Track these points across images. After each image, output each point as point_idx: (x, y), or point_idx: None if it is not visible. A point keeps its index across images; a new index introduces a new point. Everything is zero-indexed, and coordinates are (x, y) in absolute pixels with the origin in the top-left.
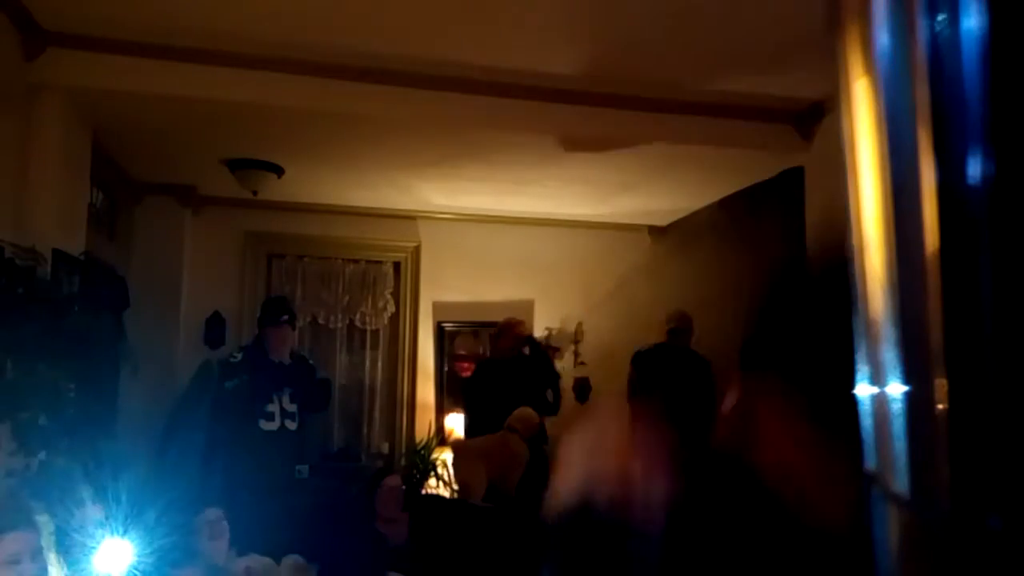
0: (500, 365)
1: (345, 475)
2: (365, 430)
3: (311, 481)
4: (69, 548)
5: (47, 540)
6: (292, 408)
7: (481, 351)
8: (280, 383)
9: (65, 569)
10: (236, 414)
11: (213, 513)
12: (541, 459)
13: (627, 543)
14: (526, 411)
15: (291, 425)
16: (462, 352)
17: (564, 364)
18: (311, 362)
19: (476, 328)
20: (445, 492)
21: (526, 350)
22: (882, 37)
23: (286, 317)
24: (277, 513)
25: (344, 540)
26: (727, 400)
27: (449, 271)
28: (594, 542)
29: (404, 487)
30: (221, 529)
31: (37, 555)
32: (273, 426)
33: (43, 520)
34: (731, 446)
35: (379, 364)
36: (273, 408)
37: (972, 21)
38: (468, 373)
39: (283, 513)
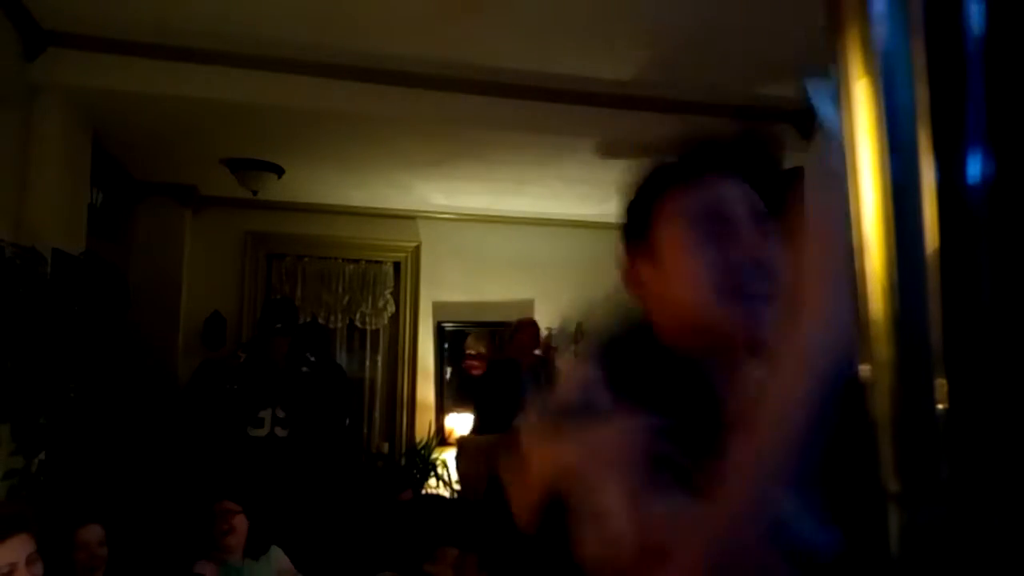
0: (514, 366)
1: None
2: (365, 430)
3: (303, 485)
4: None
5: None
6: (283, 415)
7: (490, 351)
8: (277, 390)
9: None
10: (231, 418)
11: (226, 505)
12: None
13: None
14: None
15: (281, 432)
16: (472, 352)
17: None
18: (306, 368)
19: (478, 327)
20: (445, 492)
21: (539, 352)
22: (882, 37)
23: (280, 326)
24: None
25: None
26: None
27: (449, 271)
28: None
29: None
30: (235, 520)
31: (32, 561)
32: (262, 433)
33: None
34: None
35: (379, 364)
36: (264, 415)
37: (972, 22)
38: (479, 371)
39: (269, 515)
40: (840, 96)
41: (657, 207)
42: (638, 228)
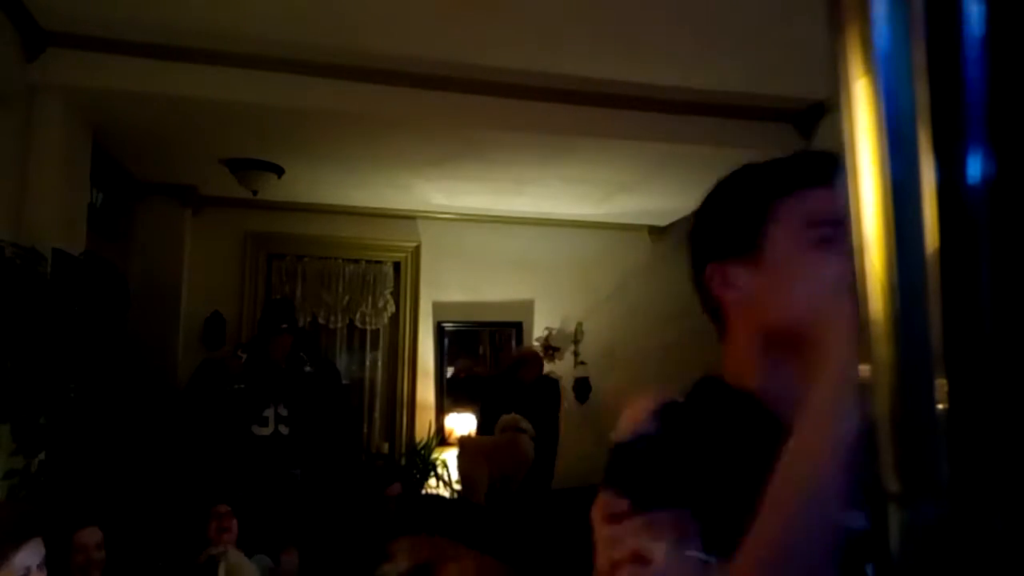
0: (517, 383)
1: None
2: (365, 430)
3: (306, 484)
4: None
5: None
6: (286, 413)
7: (478, 366)
8: (280, 390)
9: None
10: (234, 417)
11: (222, 508)
12: (547, 462)
13: None
14: (517, 416)
15: (284, 430)
16: (460, 371)
17: (564, 364)
18: (308, 367)
19: (478, 327)
20: (445, 492)
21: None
22: (882, 37)
23: (285, 326)
24: (269, 514)
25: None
26: None
27: (449, 271)
28: None
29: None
30: (229, 522)
31: (42, 565)
32: (266, 431)
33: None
34: None
35: (379, 364)
36: (268, 413)
37: (972, 22)
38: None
39: (275, 514)
40: (840, 96)
41: (771, 210)
42: (741, 232)
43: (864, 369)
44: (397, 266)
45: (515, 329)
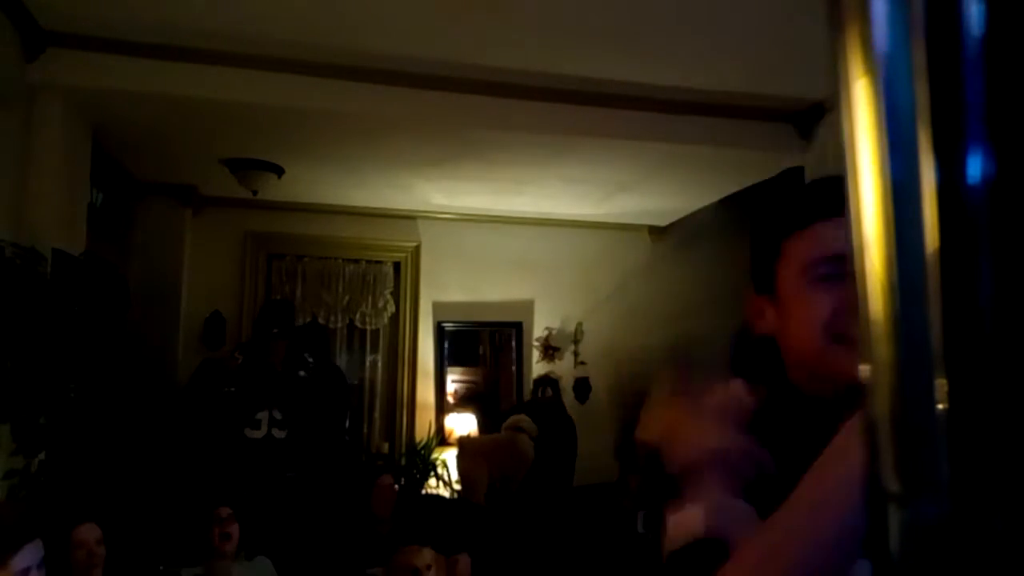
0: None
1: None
2: (365, 430)
3: (301, 485)
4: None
5: None
6: (280, 417)
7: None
8: (275, 393)
9: None
10: (227, 419)
11: (224, 511)
12: (547, 461)
13: None
14: (523, 417)
15: (278, 434)
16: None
17: (564, 364)
18: (304, 372)
19: (478, 327)
20: (445, 492)
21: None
22: (882, 37)
23: (276, 330)
24: (262, 517)
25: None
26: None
27: (449, 271)
28: None
29: (397, 486)
30: (231, 527)
31: (41, 565)
32: (259, 434)
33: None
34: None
35: (379, 364)
36: (262, 416)
37: (972, 22)
38: None
39: (266, 515)
40: (840, 96)
41: (778, 252)
42: (763, 272)
43: (864, 369)
44: (397, 266)
45: (515, 329)
